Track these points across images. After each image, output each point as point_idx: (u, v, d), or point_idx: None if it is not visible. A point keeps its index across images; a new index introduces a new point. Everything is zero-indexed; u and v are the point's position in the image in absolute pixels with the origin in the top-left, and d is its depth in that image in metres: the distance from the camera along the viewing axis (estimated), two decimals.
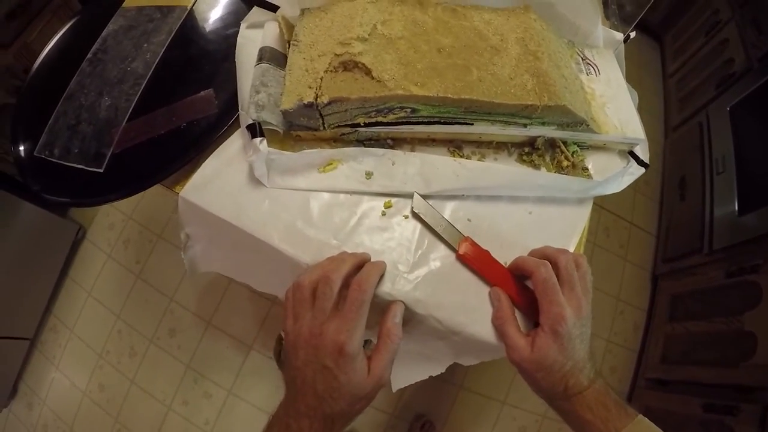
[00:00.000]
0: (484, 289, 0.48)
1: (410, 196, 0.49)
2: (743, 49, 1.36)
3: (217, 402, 1.30)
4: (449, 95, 0.47)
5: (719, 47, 1.49)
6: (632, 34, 0.63)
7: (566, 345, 0.41)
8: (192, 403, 1.31)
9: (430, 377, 0.55)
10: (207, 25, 0.63)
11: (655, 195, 1.69)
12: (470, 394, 1.31)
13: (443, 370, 0.55)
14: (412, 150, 0.52)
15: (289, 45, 0.53)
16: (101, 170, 0.55)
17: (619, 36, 0.63)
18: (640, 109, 0.60)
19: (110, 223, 1.55)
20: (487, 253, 0.48)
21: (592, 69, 0.60)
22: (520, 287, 0.47)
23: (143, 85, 0.59)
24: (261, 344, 1.33)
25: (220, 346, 1.34)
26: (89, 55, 0.64)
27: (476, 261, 0.48)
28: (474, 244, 0.48)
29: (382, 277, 0.46)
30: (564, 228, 0.53)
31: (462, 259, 0.48)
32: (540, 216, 0.53)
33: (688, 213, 1.43)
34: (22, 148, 0.60)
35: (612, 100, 0.59)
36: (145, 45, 0.62)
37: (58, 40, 0.68)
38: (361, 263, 0.44)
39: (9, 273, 1.30)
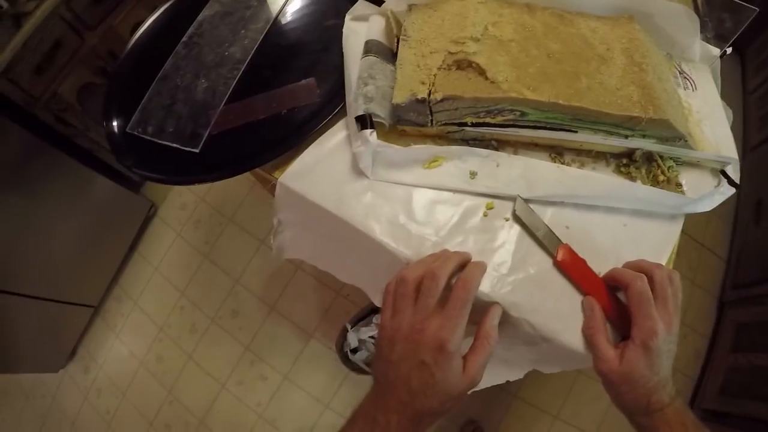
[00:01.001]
0: (578, 298, 0.48)
1: (512, 198, 0.50)
2: None
3: (272, 385, 1.32)
4: (560, 101, 0.48)
5: None
6: (729, 50, 0.63)
7: (655, 360, 0.40)
8: (247, 384, 1.33)
9: None
10: (305, 16, 0.65)
11: (729, 217, 1.63)
12: (524, 404, 1.29)
13: (521, 376, 0.55)
14: (515, 153, 0.52)
15: (398, 40, 0.53)
16: (197, 150, 0.56)
17: (716, 51, 0.62)
18: None
19: (182, 202, 1.58)
20: (583, 261, 0.49)
21: (689, 83, 0.60)
22: (612, 298, 0.47)
23: (241, 70, 0.60)
24: (322, 333, 1.34)
25: (281, 331, 1.36)
26: (185, 39, 0.65)
27: (573, 268, 0.48)
28: (572, 252, 0.49)
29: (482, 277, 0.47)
30: (657, 243, 0.53)
31: (560, 265, 0.48)
32: (635, 229, 0.53)
33: (763, 239, 1.38)
34: (115, 124, 0.62)
35: (708, 117, 0.59)
36: (243, 31, 0.64)
37: (151, 23, 0.70)
38: (464, 262, 0.44)
39: (81, 243, 1.34)
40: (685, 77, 0.61)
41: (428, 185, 0.50)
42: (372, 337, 1.13)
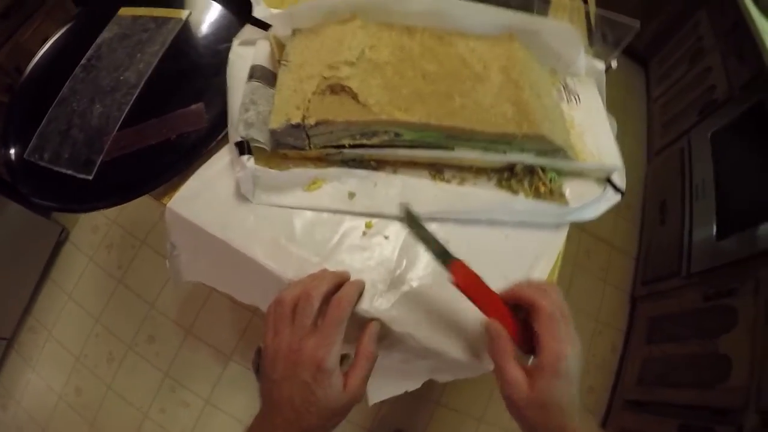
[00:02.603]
0: (462, 308, 0.49)
1: (391, 217, 0.51)
2: (725, 77, 1.40)
3: (195, 411, 1.30)
4: (431, 121, 0.49)
5: (703, 74, 1.53)
6: (614, 64, 0.66)
7: (568, 384, 0.39)
8: (169, 412, 1.30)
9: (407, 392, 0.56)
10: (200, 39, 0.65)
11: (636, 219, 1.72)
12: (447, 410, 1.31)
13: (419, 386, 0.56)
14: (395, 172, 0.54)
15: (280, 64, 0.54)
16: (90, 177, 0.56)
17: (601, 66, 0.65)
18: (624, 134, 0.62)
19: (94, 225, 1.54)
20: (478, 277, 0.46)
21: (573, 97, 0.63)
22: (513, 317, 0.44)
23: (135, 95, 0.60)
24: (240, 355, 1.33)
25: (200, 355, 1.34)
26: (83, 61, 0.65)
27: (469, 286, 0.45)
28: (466, 268, 0.46)
29: (361, 294, 0.47)
30: (539, 253, 0.55)
31: (456, 284, 0.45)
32: (517, 240, 0.54)
33: (668, 237, 1.46)
34: (12, 150, 0.61)
35: (591, 128, 0.61)
36: (139, 55, 0.64)
37: (52, 44, 0.70)
38: (341, 281, 0.45)
39: None
40: (569, 91, 0.63)
41: (309, 207, 0.51)
42: None
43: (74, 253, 1.52)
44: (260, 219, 0.51)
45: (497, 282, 0.45)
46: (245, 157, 0.49)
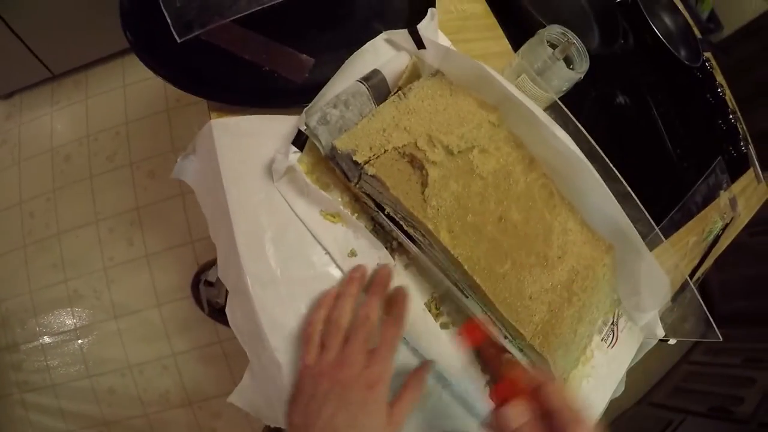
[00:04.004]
0: None
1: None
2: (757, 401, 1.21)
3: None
4: (465, 265, 0.41)
5: (735, 385, 1.32)
6: (672, 341, 0.56)
7: None
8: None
9: None
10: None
11: None
12: None
13: None
14: (405, 268, 0.47)
15: (396, 91, 0.48)
16: (179, 40, 0.51)
17: (660, 333, 0.55)
18: None
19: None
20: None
21: (611, 338, 0.54)
22: None
23: (275, 2, 0.54)
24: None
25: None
26: None
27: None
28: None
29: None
30: None
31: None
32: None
33: None
34: None
35: (599, 379, 0.52)
36: None
37: None
38: (387, 289, 0.42)
39: None
40: (613, 330, 0.54)
41: (311, 230, 0.45)
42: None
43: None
44: (268, 201, 0.45)
45: None
46: (292, 149, 0.43)
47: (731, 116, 0.95)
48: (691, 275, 0.72)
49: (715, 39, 1.05)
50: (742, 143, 0.94)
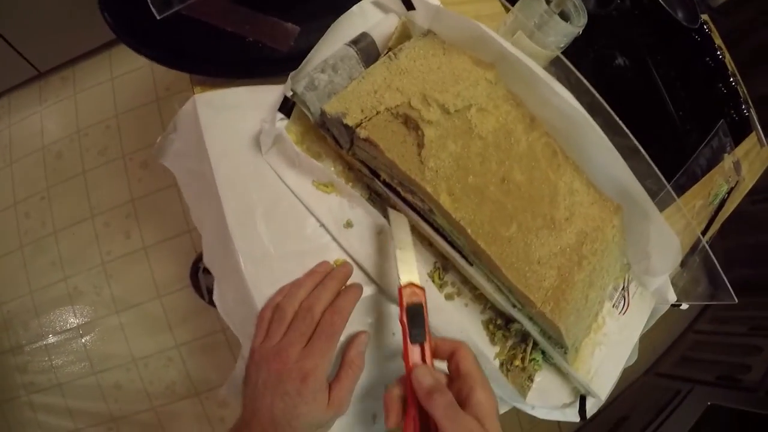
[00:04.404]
0: None
1: (364, 273, 0.43)
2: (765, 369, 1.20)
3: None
4: (468, 229, 0.39)
5: (744, 349, 1.30)
6: (684, 306, 0.54)
7: None
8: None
9: None
10: None
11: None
12: None
13: None
14: None
15: (387, 52, 0.44)
16: (158, 17, 0.48)
17: (672, 297, 0.53)
18: None
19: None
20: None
21: (622, 304, 0.51)
22: None
23: None
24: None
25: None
26: None
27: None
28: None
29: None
30: None
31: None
32: None
33: None
34: None
35: (611, 346, 0.49)
36: None
37: None
38: (343, 283, 0.40)
39: None
40: (624, 296, 0.51)
41: (304, 202, 0.43)
42: None
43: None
44: (256, 175, 0.43)
45: None
46: (279, 116, 0.41)
47: (731, 79, 0.92)
48: (693, 250, 0.69)
49: (714, 3, 1.01)
50: (743, 107, 0.91)
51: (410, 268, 0.38)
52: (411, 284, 0.36)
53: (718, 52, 0.92)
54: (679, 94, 0.75)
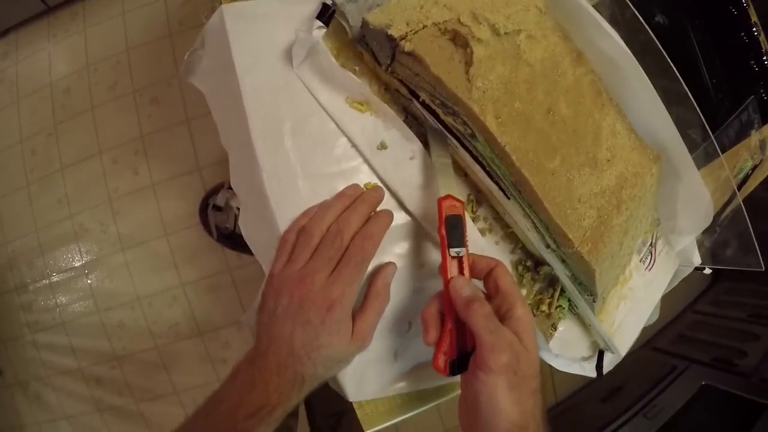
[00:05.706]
0: None
1: (396, 199, 0.40)
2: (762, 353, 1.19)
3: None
4: (513, 156, 0.36)
5: (746, 336, 1.30)
6: (707, 271, 0.51)
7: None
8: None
9: None
10: None
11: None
12: None
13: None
14: None
15: None
16: None
17: (696, 260, 0.50)
18: None
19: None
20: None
21: (649, 260, 0.49)
22: None
23: None
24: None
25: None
26: None
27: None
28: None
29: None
30: None
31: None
32: None
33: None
34: None
35: (635, 301, 0.47)
36: None
37: None
38: (375, 207, 0.37)
39: None
40: (651, 252, 0.49)
41: (336, 120, 0.39)
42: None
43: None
44: (287, 89, 0.39)
45: None
46: (317, 23, 0.37)
47: (765, 58, 0.88)
48: (721, 211, 0.67)
49: None
50: None
51: (449, 181, 0.35)
52: (450, 196, 0.34)
53: (754, 29, 0.88)
54: (714, 62, 0.71)
